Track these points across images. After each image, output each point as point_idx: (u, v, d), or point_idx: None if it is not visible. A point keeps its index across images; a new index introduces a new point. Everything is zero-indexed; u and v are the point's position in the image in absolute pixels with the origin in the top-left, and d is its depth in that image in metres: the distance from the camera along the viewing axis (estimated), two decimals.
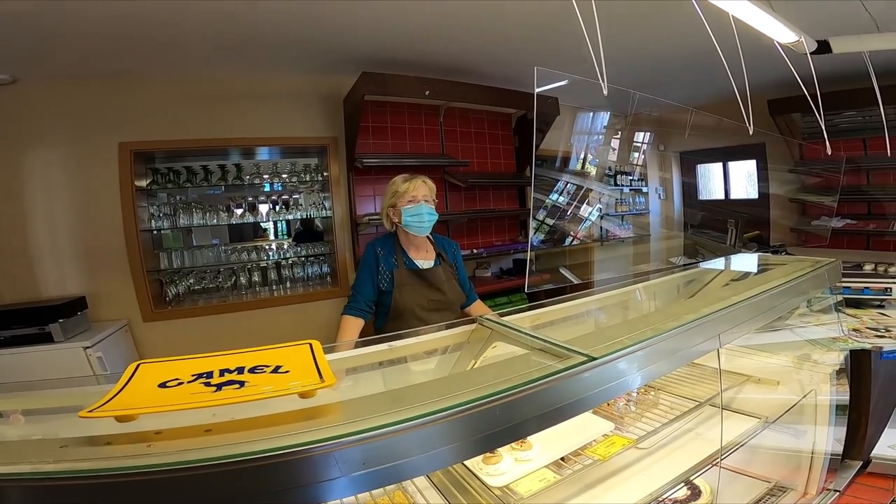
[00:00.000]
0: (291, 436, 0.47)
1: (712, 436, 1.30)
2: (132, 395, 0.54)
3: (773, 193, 4.63)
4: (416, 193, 1.78)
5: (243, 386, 0.56)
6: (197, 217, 3.27)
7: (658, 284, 1.78)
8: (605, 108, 4.51)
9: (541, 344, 0.81)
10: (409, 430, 0.50)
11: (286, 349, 0.69)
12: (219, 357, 0.65)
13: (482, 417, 0.56)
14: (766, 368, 1.70)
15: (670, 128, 4.64)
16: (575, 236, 4.53)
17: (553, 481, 1.07)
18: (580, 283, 3.63)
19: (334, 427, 0.49)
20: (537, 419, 0.62)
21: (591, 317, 1.43)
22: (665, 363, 0.82)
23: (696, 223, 4.73)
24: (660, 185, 5.08)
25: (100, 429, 0.49)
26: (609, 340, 0.77)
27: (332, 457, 0.46)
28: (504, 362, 0.80)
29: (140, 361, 0.63)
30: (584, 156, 4.70)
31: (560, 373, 0.65)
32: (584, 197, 4.54)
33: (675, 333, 0.83)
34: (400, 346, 1.05)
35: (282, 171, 3.57)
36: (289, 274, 3.64)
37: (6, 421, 0.72)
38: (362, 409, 0.53)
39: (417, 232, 1.79)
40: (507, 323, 1.02)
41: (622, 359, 0.72)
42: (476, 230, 4.13)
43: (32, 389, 0.82)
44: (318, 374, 0.59)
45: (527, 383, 0.61)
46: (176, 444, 0.45)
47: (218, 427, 0.49)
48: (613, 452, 1.17)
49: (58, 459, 0.42)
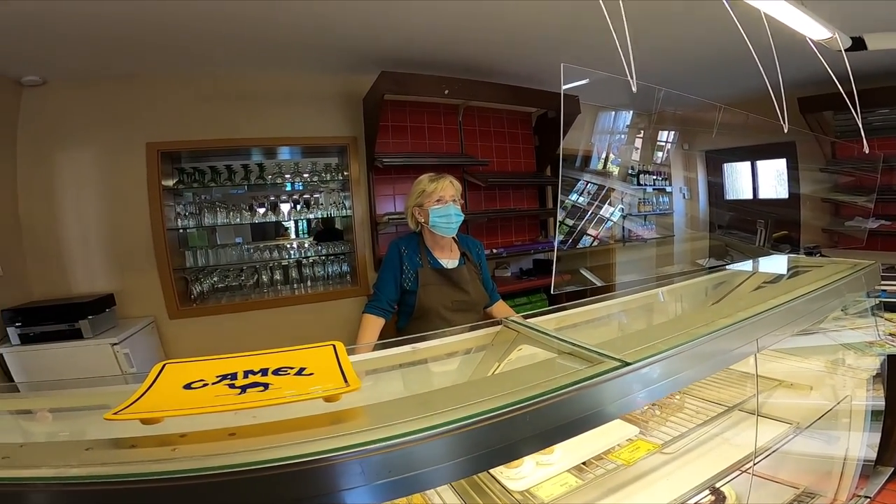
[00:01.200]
0: (316, 442, 0.45)
1: (739, 441, 1.26)
2: (157, 396, 0.53)
3: (803, 193, 4.48)
4: (444, 194, 1.76)
5: (267, 388, 0.55)
6: (221, 216, 3.32)
7: (685, 287, 1.72)
8: (628, 107, 4.43)
9: (570, 347, 0.78)
10: (437, 436, 0.49)
11: (310, 351, 0.68)
12: (243, 358, 0.65)
13: (512, 424, 0.54)
14: (799, 373, 1.65)
15: (696, 126, 4.53)
16: (595, 237, 4.46)
17: (575, 486, 1.05)
18: (604, 284, 3.56)
19: (360, 433, 0.47)
20: (568, 426, 0.60)
21: (618, 320, 1.39)
22: (701, 369, 0.78)
23: (724, 223, 4.60)
24: (684, 184, 4.96)
25: (125, 431, 0.49)
26: (641, 345, 0.74)
27: (358, 464, 0.45)
28: (532, 366, 0.77)
29: (166, 361, 0.62)
30: (605, 155, 4.62)
31: (593, 378, 0.63)
32: (606, 197, 4.46)
33: (711, 338, 0.79)
34: (424, 348, 1.03)
35: (303, 171, 3.60)
36: (309, 273, 3.67)
37: (34, 419, 0.73)
38: (388, 415, 0.52)
39: (445, 232, 1.77)
40: (534, 325, 0.99)
41: (657, 364, 0.69)
42: (496, 230, 4.10)
43: (62, 388, 0.83)
44: (342, 377, 0.58)
45: (558, 389, 0.59)
46: (200, 449, 0.45)
47: (242, 431, 0.48)
48: (638, 457, 1.14)
49: (82, 463, 0.42)
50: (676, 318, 1.37)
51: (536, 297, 4.00)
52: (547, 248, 4.16)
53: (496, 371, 0.97)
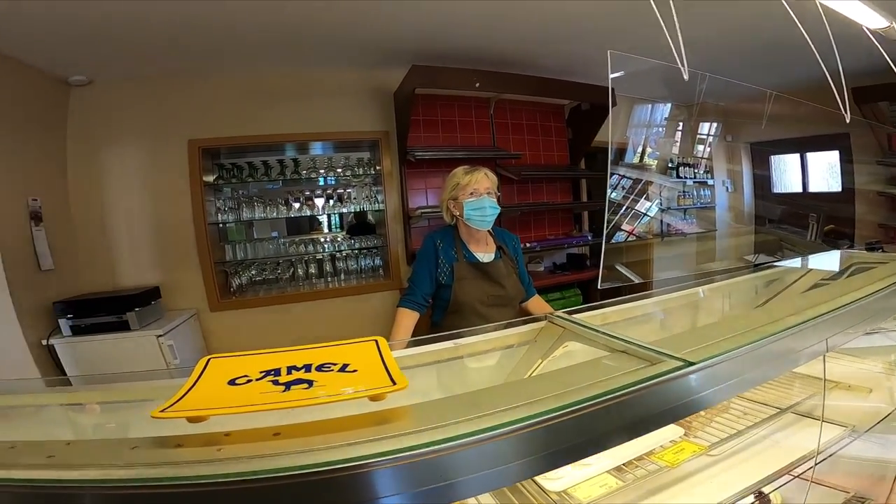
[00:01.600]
0: (365, 444, 0.44)
1: (789, 444, 1.20)
2: (203, 392, 0.53)
3: (858, 187, 4.22)
4: (479, 186, 1.73)
5: (312, 386, 0.54)
6: (258, 210, 3.40)
7: (734, 285, 1.64)
8: (667, 99, 4.26)
9: (623, 345, 0.74)
10: (491, 440, 0.46)
11: (352, 346, 0.67)
12: (285, 353, 0.64)
13: (570, 426, 0.51)
14: (857, 374, 1.55)
15: (741, 117, 4.32)
16: (630, 232, 4.33)
17: (615, 487, 1.02)
18: (641, 281, 3.46)
19: (410, 435, 0.45)
20: (626, 428, 0.57)
21: (666, 318, 1.33)
22: (768, 370, 0.73)
23: (772, 217, 4.38)
24: (728, 177, 4.75)
25: (171, 428, 0.48)
26: (700, 343, 0.69)
27: (409, 468, 0.43)
28: (585, 365, 0.74)
29: (210, 356, 0.62)
30: (642, 148, 4.47)
31: (656, 378, 0.58)
32: (646, 190, 4.33)
33: (780, 337, 0.74)
34: (466, 344, 1.01)
35: (336, 166, 3.63)
36: (343, 266, 3.71)
37: (82, 412, 0.75)
38: (437, 415, 0.49)
39: (479, 226, 1.74)
40: (582, 322, 0.95)
41: (724, 364, 0.64)
42: (529, 224, 4.04)
43: (109, 381, 0.85)
44: (387, 375, 0.57)
45: (620, 389, 0.55)
46: (245, 449, 0.44)
47: (287, 430, 0.47)
48: (683, 459, 1.10)
49: (128, 463, 0.42)
50: (735, 316, 1.30)
51: (570, 292, 3.92)
52: (581, 242, 4.08)
53: (540, 368, 0.93)
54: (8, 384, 1.00)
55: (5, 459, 0.44)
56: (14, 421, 0.79)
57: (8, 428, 0.79)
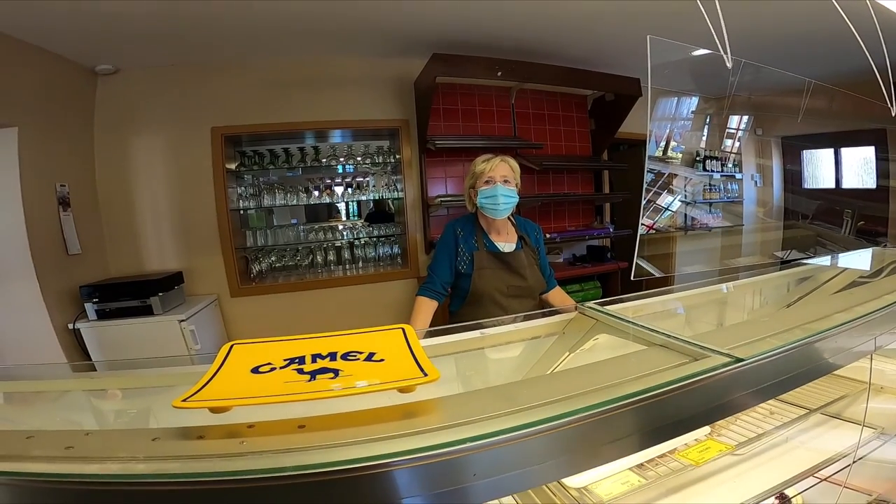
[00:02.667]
0: (395, 440, 0.41)
1: (816, 445, 1.17)
2: (226, 380, 0.51)
3: (894, 185, 4.03)
4: (494, 174, 1.69)
5: (338, 375, 0.52)
6: (279, 197, 3.41)
7: (767, 281, 1.58)
8: (697, 91, 4.13)
9: (662, 339, 0.70)
10: (528, 437, 0.43)
11: (378, 334, 0.65)
12: (309, 340, 0.62)
13: (611, 424, 0.48)
14: (886, 376, 1.49)
15: (773, 111, 4.17)
16: (650, 227, 4.23)
17: (637, 485, 0.99)
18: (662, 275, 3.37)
19: (442, 431, 0.43)
20: (669, 427, 0.54)
21: (699, 312, 1.28)
22: (815, 368, 0.69)
23: (804, 213, 4.23)
24: (756, 171, 4.60)
25: (193, 417, 0.47)
26: (745, 339, 0.66)
27: (439, 466, 0.40)
28: (623, 359, 0.70)
29: (233, 342, 0.61)
30: (666, 141, 4.35)
31: (704, 374, 0.55)
32: (670, 183, 4.22)
33: (831, 334, 0.69)
34: (493, 335, 0.98)
35: (356, 154, 3.62)
36: (361, 254, 3.71)
37: (103, 399, 0.75)
38: (468, 409, 0.47)
39: (493, 215, 1.70)
40: (615, 313, 0.91)
41: (773, 362, 0.60)
42: (549, 215, 3.99)
43: (133, 367, 0.85)
44: (416, 365, 0.54)
45: (665, 385, 0.52)
46: (269, 442, 0.42)
47: (312, 423, 0.45)
48: (708, 458, 1.07)
49: (149, 456, 0.40)
50: (779, 312, 1.25)
51: (590, 284, 3.86)
52: (602, 234, 4.00)
53: (567, 361, 0.90)
54: (32, 369, 1.01)
55: (21, 450, 0.43)
56: (35, 406, 0.80)
57: (29, 414, 0.80)
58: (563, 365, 0.92)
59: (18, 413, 0.81)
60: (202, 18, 2.47)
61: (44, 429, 0.52)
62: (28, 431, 0.46)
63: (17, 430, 0.47)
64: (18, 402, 0.83)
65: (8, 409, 0.82)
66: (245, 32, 2.73)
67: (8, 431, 0.51)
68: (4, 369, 1.21)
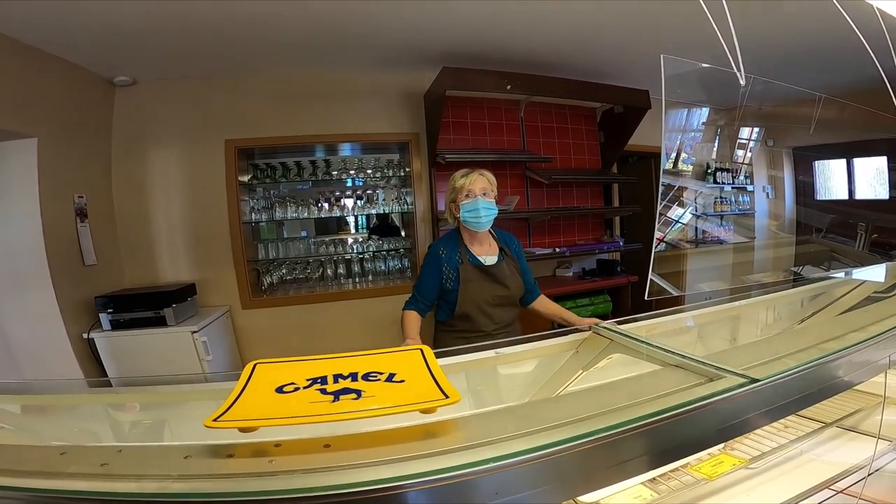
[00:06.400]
0: (418, 461, 0.42)
1: (831, 458, 1.16)
2: (252, 400, 0.53)
3: None
4: (473, 188, 1.74)
5: (360, 396, 0.53)
6: (290, 210, 3.45)
7: (783, 297, 1.56)
8: (707, 103, 4.13)
9: (677, 359, 0.71)
10: (549, 457, 0.44)
11: (397, 354, 0.66)
12: (330, 360, 0.63)
13: (624, 445, 0.48)
14: None
15: (784, 121, 4.16)
16: (660, 240, 4.19)
17: (649, 500, 0.99)
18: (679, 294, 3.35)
19: (463, 452, 0.43)
20: (683, 446, 0.54)
21: (714, 330, 1.28)
22: (830, 388, 0.69)
23: (817, 225, 4.19)
24: (768, 182, 4.57)
25: (221, 435, 0.48)
26: (760, 359, 0.66)
27: (462, 486, 0.41)
28: (638, 380, 0.71)
29: (256, 362, 0.62)
30: (676, 154, 4.34)
31: (720, 395, 0.56)
32: (680, 196, 4.20)
33: (844, 354, 0.70)
34: (507, 353, 0.99)
35: (366, 167, 3.66)
36: (371, 267, 3.73)
37: (128, 412, 0.76)
38: (487, 430, 0.48)
39: (475, 227, 1.76)
40: (630, 333, 0.92)
41: (787, 382, 0.61)
42: (558, 228, 3.99)
43: (151, 383, 0.86)
44: (437, 387, 0.55)
45: (681, 406, 0.52)
46: (297, 461, 0.43)
47: (337, 442, 0.46)
48: (721, 472, 1.06)
49: (183, 474, 0.41)
50: (792, 331, 1.24)
51: (599, 298, 3.84)
52: (612, 248, 3.99)
53: (579, 379, 0.90)
54: (51, 384, 1.02)
55: (57, 467, 0.44)
56: (58, 420, 0.81)
57: (55, 429, 0.81)
58: (577, 383, 0.93)
59: (43, 425, 0.83)
60: (217, 32, 2.52)
61: (73, 443, 0.53)
62: (61, 447, 0.47)
63: (50, 446, 0.49)
64: (41, 415, 0.85)
65: (32, 421, 0.84)
66: (258, 46, 2.78)
67: (41, 447, 0.52)
68: (26, 383, 1.23)
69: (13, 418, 0.82)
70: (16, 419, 0.82)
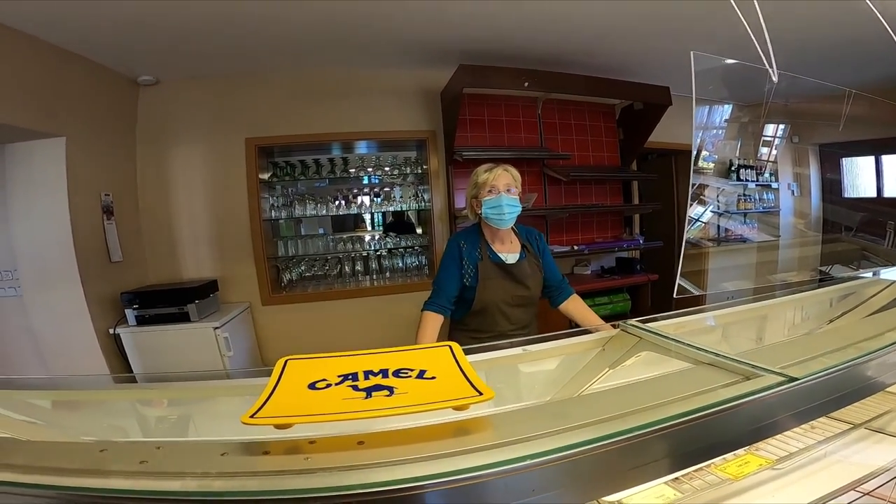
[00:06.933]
0: (453, 458, 0.42)
1: (859, 459, 1.11)
2: (286, 396, 0.53)
3: None
4: (497, 183, 1.69)
5: (392, 393, 0.53)
6: (309, 208, 3.48)
7: (812, 296, 1.52)
8: (732, 99, 4.04)
9: (710, 357, 0.70)
10: (582, 454, 0.44)
11: (426, 351, 0.66)
12: (359, 357, 0.64)
13: (661, 442, 0.48)
14: None
15: (810, 118, 4.05)
16: (688, 242, 4.12)
17: (672, 499, 0.97)
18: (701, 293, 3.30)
19: (500, 449, 0.43)
20: (720, 445, 0.54)
21: (743, 329, 1.25)
22: (866, 388, 0.67)
23: (846, 224, 4.08)
24: (793, 180, 4.46)
25: (256, 431, 0.48)
26: (797, 358, 0.65)
27: (500, 483, 0.41)
28: (672, 378, 0.70)
29: (287, 358, 0.63)
30: (697, 151, 4.26)
31: (757, 393, 0.55)
32: (701, 194, 4.13)
33: (885, 353, 0.68)
34: (534, 350, 0.98)
35: (384, 164, 3.67)
36: (388, 264, 3.75)
37: (159, 408, 0.77)
38: (522, 426, 0.47)
39: (498, 225, 1.70)
40: (660, 331, 0.90)
41: (826, 381, 0.59)
42: (576, 226, 3.95)
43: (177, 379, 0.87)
44: (469, 384, 0.55)
45: (719, 404, 0.51)
46: (332, 458, 0.43)
47: (370, 439, 0.46)
48: (747, 472, 1.04)
49: (221, 472, 0.42)
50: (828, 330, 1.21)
51: (619, 297, 3.79)
52: (632, 245, 3.94)
53: (605, 377, 0.89)
54: (79, 380, 1.05)
55: (98, 464, 0.44)
56: (88, 416, 0.83)
57: (90, 425, 0.82)
58: (603, 381, 0.91)
59: (73, 421, 0.85)
60: (236, 32, 2.55)
61: (104, 438, 0.54)
62: (101, 444, 0.48)
63: (89, 443, 0.49)
64: (72, 410, 0.87)
65: (62, 417, 0.86)
66: (277, 45, 2.81)
67: (81, 444, 0.53)
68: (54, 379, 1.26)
69: (43, 413, 0.84)
70: (46, 414, 0.84)
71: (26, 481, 0.41)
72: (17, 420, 0.75)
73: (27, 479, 0.41)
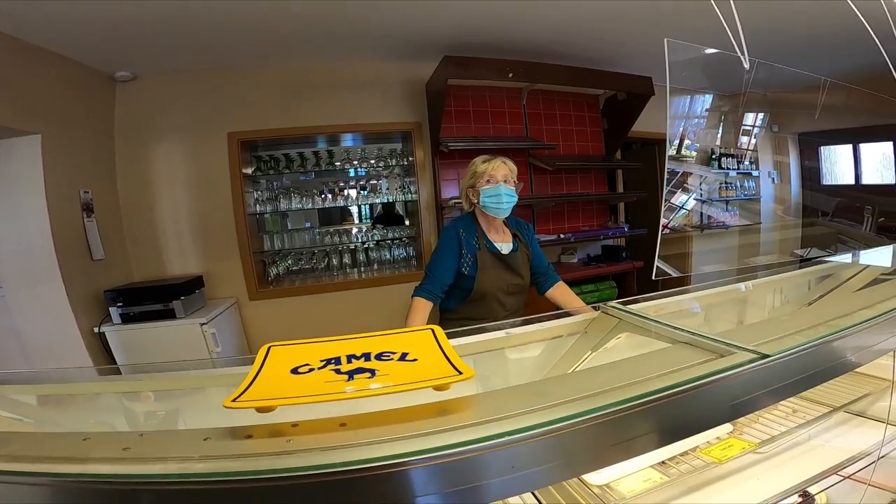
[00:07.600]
0: (434, 436, 0.43)
1: (839, 443, 1.17)
2: (268, 381, 0.54)
3: None
4: (496, 173, 1.74)
5: (374, 375, 0.54)
6: (295, 201, 3.46)
7: (788, 279, 1.56)
8: (711, 89, 4.09)
9: (687, 336, 0.72)
10: (560, 431, 0.45)
11: (408, 334, 0.67)
12: (342, 342, 0.64)
13: (635, 419, 0.49)
14: None
15: (789, 107, 4.12)
16: (665, 227, 4.18)
17: (659, 482, 1.00)
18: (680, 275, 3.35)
19: (479, 426, 0.44)
20: (692, 423, 0.55)
21: (721, 310, 1.28)
22: (839, 365, 0.70)
23: (823, 209, 4.18)
24: (773, 168, 4.54)
25: (239, 417, 0.49)
26: (770, 336, 0.67)
27: (480, 459, 0.42)
28: (649, 357, 0.71)
29: (270, 344, 0.63)
30: (679, 140, 4.30)
31: (731, 370, 0.56)
32: (684, 182, 4.18)
33: (856, 331, 0.70)
34: (517, 334, 1.00)
35: (369, 157, 3.66)
36: (376, 256, 3.75)
37: (142, 400, 0.77)
38: (503, 405, 0.48)
39: (496, 213, 1.75)
40: (640, 312, 0.92)
41: (798, 358, 0.61)
42: (562, 215, 3.99)
43: (162, 370, 0.87)
44: (450, 364, 0.56)
45: (692, 380, 0.53)
46: (314, 440, 0.43)
47: (352, 421, 0.47)
48: (731, 456, 1.07)
49: (203, 455, 0.42)
50: (802, 310, 1.24)
51: (605, 284, 3.85)
52: (617, 233, 3.99)
53: (590, 359, 0.91)
54: (63, 373, 1.04)
55: (81, 452, 0.45)
56: (76, 409, 0.82)
57: (74, 418, 0.82)
58: (587, 363, 0.93)
59: (59, 415, 0.84)
60: (216, 26, 2.52)
61: (94, 431, 0.54)
62: (83, 434, 0.48)
63: (72, 433, 0.50)
64: (56, 404, 0.86)
65: (48, 411, 0.85)
66: (259, 38, 2.78)
67: (64, 434, 0.53)
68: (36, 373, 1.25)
69: (27, 409, 0.83)
70: (30, 410, 0.84)
71: (6, 469, 0.41)
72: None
73: (7, 466, 0.42)
